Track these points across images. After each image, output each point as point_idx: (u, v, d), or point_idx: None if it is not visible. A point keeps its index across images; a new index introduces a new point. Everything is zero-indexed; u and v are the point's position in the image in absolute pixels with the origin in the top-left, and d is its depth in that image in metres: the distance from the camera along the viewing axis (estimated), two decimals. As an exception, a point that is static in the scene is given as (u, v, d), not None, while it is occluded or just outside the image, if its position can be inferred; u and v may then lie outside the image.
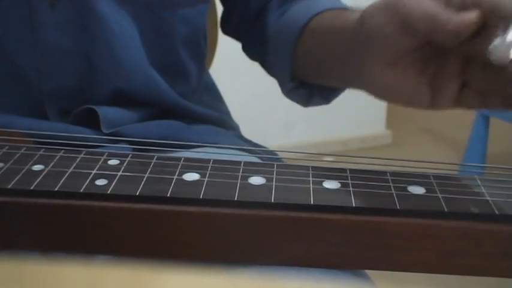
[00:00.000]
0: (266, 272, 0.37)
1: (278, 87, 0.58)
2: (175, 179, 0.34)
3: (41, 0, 0.47)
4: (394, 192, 0.33)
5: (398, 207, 0.32)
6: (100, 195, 0.32)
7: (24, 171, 0.34)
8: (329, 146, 2.09)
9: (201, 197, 0.32)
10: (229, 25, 0.63)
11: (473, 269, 0.33)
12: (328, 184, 0.34)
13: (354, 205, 0.32)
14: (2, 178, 0.33)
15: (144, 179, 0.34)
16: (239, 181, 0.34)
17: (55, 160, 0.36)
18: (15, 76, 0.49)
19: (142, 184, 0.33)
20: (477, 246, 0.32)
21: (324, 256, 0.33)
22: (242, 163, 0.36)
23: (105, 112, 0.49)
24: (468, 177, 0.36)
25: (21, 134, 0.41)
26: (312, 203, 0.32)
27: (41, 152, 0.37)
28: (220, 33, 0.69)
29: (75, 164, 0.35)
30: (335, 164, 0.36)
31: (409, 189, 0.34)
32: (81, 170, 0.35)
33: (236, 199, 0.32)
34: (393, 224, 0.32)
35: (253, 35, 0.60)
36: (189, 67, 0.57)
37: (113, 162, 0.36)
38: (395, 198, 0.33)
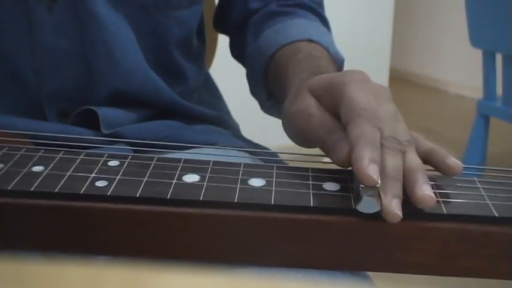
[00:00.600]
0: (266, 273, 0.37)
1: None
2: (175, 181, 0.34)
3: (39, 1, 0.47)
4: None
5: None
6: (100, 196, 0.32)
7: (24, 172, 0.34)
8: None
9: (201, 199, 0.32)
10: (218, 23, 0.66)
11: (472, 271, 0.33)
12: (327, 186, 0.34)
13: (354, 207, 0.32)
14: (2, 179, 0.33)
15: (144, 181, 0.34)
16: (239, 183, 0.34)
17: (55, 161, 0.36)
18: (13, 77, 0.49)
19: (142, 186, 0.33)
20: (476, 248, 0.32)
21: (324, 258, 0.33)
22: (242, 165, 0.36)
23: (104, 113, 0.49)
24: (467, 179, 0.36)
25: (20, 135, 0.41)
26: (312, 205, 0.32)
27: (41, 153, 0.37)
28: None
29: (75, 166, 0.35)
30: (335, 166, 0.36)
31: None
32: (81, 171, 0.35)
33: (236, 201, 0.32)
34: (393, 226, 0.32)
35: (235, 42, 0.62)
36: (185, 67, 0.57)
37: (113, 163, 0.36)
38: None
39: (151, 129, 0.52)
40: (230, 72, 0.99)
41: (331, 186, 0.34)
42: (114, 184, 0.33)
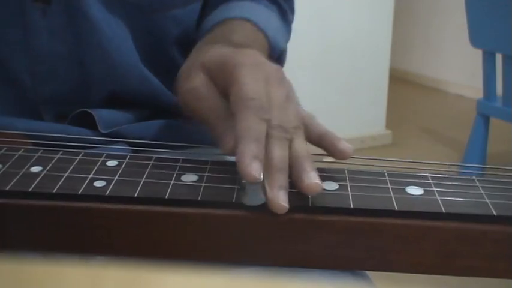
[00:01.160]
0: (265, 273, 0.37)
1: None
2: (173, 181, 0.34)
3: (33, 5, 0.47)
4: (392, 193, 0.33)
5: (396, 208, 0.32)
6: (98, 197, 0.32)
7: (22, 173, 0.34)
8: (329, 146, 2.08)
9: (200, 199, 0.32)
10: None
11: (472, 270, 0.33)
12: (326, 185, 0.34)
13: (352, 206, 0.32)
14: (0, 180, 0.33)
15: (142, 181, 0.34)
16: (237, 183, 0.34)
17: (53, 161, 0.36)
18: (9, 81, 0.49)
19: (140, 186, 0.33)
20: (476, 247, 0.32)
21: (323, 257, 0.33)
22: None
23: (100, 114, 0.49)
24: (466, 178, 0.36)
25: (19, 135, 0.41)
26: (310, 205, 0.32)
27: (39, 154, 0.36)
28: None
29: (73, 166, 0.35)
30: (334, 165, 0.36)
31: (407, 190, 0.34)
32: (79, 172, 0.34)
33: (234, 201, 0.32)
34: (391, 225, 0.32)
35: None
36: None
37: (111, 163, 0.36)
38: (393, 199, 0.33)
39: (149, 128, 0.52)
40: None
41: (329, 185, 0.34)
42: (112, 184, 0.33)
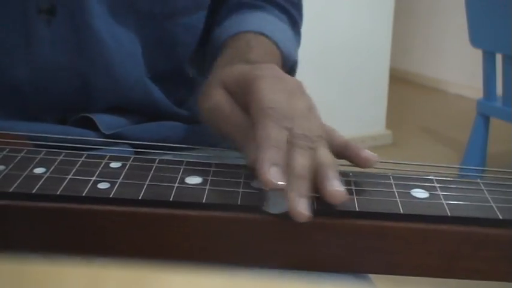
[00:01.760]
0: (266, 274, 0.37)
1: None
2: (177, 183, 0.34)
3: (38, 15, 0.46)
4: (398, 196, 0.33)
5: (401, 211, 0.32)
6: (103, 199, 0.32)
7: (25, 174, 0.34)
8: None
9: (204, 201, 0.32)
10: None
11: (476, 273, 0.33)
12: None
13: (358, 209, 0.32)
14: (3, 181, 0.33)
15: (147, 183, 0.34)
16: (241, 185, 0.34)
17: (56, 163, 0.35)
18: (11, 90, 0.48)
19: (144, 188, 0.33)
20: (480, 250, 0.32)
21: (326, 260, 0.33)
22: (244, 167, 0.36)
23: (101, 118, 0.49)
24: (471, 181, 0.35)
25: (21, 137, 0.41)
26: (315, 207, 0.32)
27: (42, 155, 0.36)
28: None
29: (76, 167, 0.35)
30: (339, 167, 0.36)
31: (413, 193, 0.34)
32: (83, 173, 0.34)
33: (239, 203, 0.32)
34: (396, 229, 0.31)
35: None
36: (192, 73, 0.57)
37: (115, 165, 0.36)
38: (398, 202, 0.33)
39: (152, 130, 0.52)
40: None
41: None
42: (116, 186, 0.33)
